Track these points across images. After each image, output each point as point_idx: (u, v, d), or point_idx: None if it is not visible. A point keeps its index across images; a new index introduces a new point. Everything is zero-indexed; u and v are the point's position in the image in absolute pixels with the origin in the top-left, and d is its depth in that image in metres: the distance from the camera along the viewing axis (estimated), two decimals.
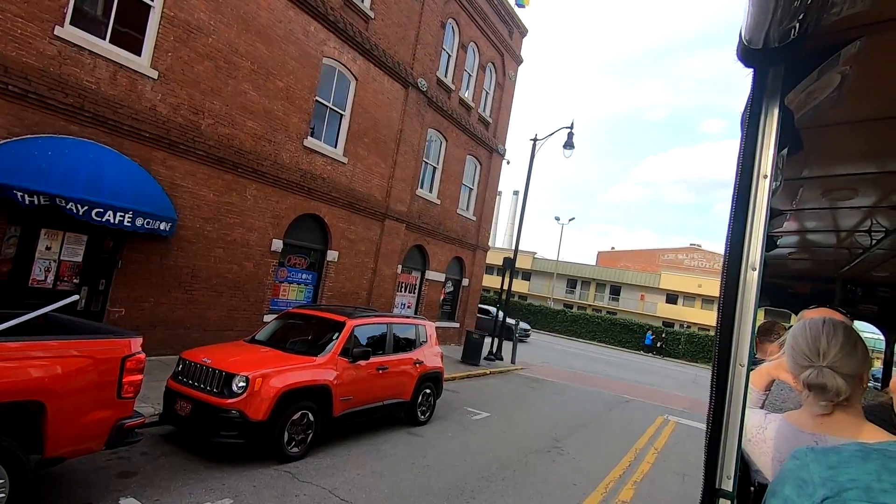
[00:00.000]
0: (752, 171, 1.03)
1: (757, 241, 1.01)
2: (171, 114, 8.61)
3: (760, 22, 0.92)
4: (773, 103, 1.04)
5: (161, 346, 8.76)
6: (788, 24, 0.91)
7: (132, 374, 4.13)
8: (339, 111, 12.28)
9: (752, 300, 1.00)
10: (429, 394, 8.25)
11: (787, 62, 1.03)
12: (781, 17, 0.89)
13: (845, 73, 1.83)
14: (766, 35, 0.94)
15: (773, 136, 1.04)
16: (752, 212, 1.02)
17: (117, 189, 7.38)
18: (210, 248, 9.54)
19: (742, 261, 1.01)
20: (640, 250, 59.19)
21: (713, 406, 1.01)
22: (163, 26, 8.32)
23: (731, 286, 1.01)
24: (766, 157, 1.03)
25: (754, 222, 1.02)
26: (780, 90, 1.04)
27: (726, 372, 1.00)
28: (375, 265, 13.87)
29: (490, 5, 17.64)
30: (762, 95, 1.04)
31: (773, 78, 1.04)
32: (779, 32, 0.93)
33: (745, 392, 1.00)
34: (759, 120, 1.04)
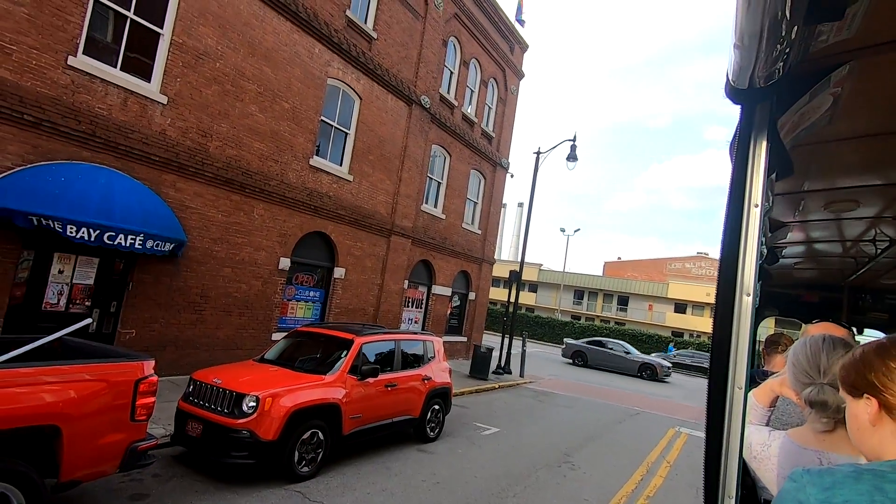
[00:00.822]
0: (743, 201, 1.08)
1: (750, 267, 1.06)
2: (180, 137, 8.80)
3: (745, 66, 0.97)
4: (761, 136, 1.10)
5: (171, 366, 8.83)
6: (771, 67, 0.97)
7: (145, 396, 4.19)
8: (344, 130, 12.47)
9: (747, 325, 1.04)
10: (438, 410, 8.24)
11: (772, 98, 1.09)
12: (765, 62, 0.94)
13: (837, 94, 1.89)
14: (750, 77, 1.00)
15: (762, 167, 1.09)
16: (743, 239, 1.07)
17: (128, 212, 7.52)
18: (219, 268, 9.66)
19: (736, 287, 1.06)
20: (646, 260, 58.94)
21: (711, 429, 1.05)
22: (172, 53, 8.54)
23: (726, 313, 1.06)
24: (756, 187, 1.08)
25: (747, 249, 1.07)
26: (767, 124, 1.10)
27: (724, 395, 1.04)
28: (382, 281, 13.94)
29: (491, 23, 17.93)
30: (750, 129, 1.09)
31: (761, 113, 1.09)
32: (763, 74, 0.99)
33: (744, 414, 1.04)
34: (747, 152, 1.09)
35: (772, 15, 0.81)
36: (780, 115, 1.78)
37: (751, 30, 0.86)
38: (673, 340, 38.52)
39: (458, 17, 16.16)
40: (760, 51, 0.90)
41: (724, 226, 1.09)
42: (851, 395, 1.01)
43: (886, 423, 0.93)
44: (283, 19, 10.38)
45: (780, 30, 0.85)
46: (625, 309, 50.24)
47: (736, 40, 0.92)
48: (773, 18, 0.81)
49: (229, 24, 9.37)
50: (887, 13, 1.39)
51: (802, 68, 1.68)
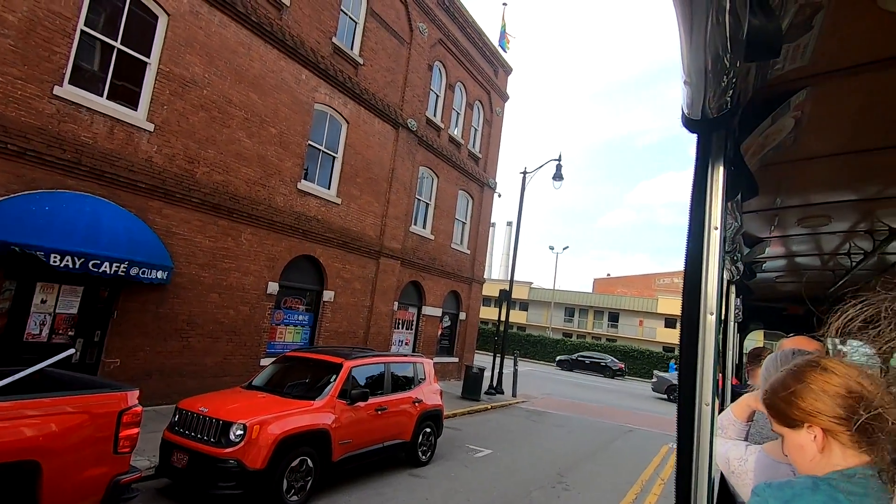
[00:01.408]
0: (704, 224, 1.13)
1: (712, 287, 1.10)
2: (167, 164, 8.81)
3: (696, 99, 1.04)
4: (717, 162, 1.16)
5: (157, 395, 8.66)
6: (721, 99, 1.03)
7: (129, 427, 4.11)
8: (332, 153, 12.57)
9: (711, 343, 1.08)
10: (429, 433, 8.15)
11: (726, 127, 1.15)
12: (714, 95, 1.01)
13: (798, 116, 1.99)
14: (702, 109, 1.06)
15: (721, 191, 1.14)
16: (705, 261, 1.12)
17: (113, 240, 7.47)
18: (206, 294, 9.57)
19: (700, 306, 1.10)
20: (635, 276, 59.36)
21: (681, 445, 1.08)
22: (159, 81, 8.62)
23: (691, 331, 1.10)
24: (716, 210, 1.13)
25: (709, 270, 1.12)
26: (723, 151, 1.16)
27: (692, 412, 1.07)
28: (371, 303, 13.88)
29: (475, 47, 18.34)
30: (707, 156, 1.15)
31: (717, 141, 1.15)
32: (714, 106, 1.05)
33: (712, 430, 1.07)
34: (705, 178, 1.15)
35: (713, 53, 0.87)
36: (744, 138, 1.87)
37: (696, 67, 0.92)
38: (674, 358, 38.56)
39: (442, 43, 16.53)
40: (707, 85, 0.97)
41: (686, 249, 1.14)
42: (789, 427, 1.02)
43: (832, 444, 0.94)
44: (270, 47, 10.55)
45: (723, 66, 0.91)
46: (616, 325, 50.35)
47: (685, 76, 0.98)
48: (714, 56, 0.88)
49: (216, 53, 9.50)
50: (835, 43, 1.48)
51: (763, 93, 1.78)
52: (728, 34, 0.82)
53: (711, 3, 0.75)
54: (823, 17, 1.36)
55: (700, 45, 0.84)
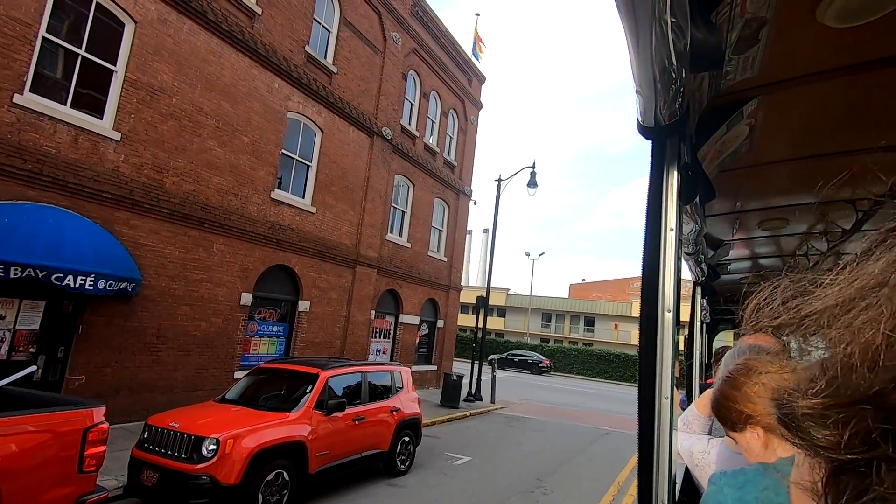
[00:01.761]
0: (660, 226, 1.19)
1: (669, 286, 1.16)
2: (135, 174, 8.60)
3: (648, 108, 1.09)
4: (672, 167, 1.22)
5: (125, 412, 8.37)
6: (671, 107, 1.09)
7: (94, 445, 3.97)
8: (306, 162, 12.47)
9: (669, 339, 1.13)
10: (408, 442, 8.10)
11: (680, 133, 1.21)
12: (664, 104, 1.07)
13: (752, 124, 2.10)
14: (655, 116, 1.12)
15: (675, 194, 1.20)
16: (662, 261, 1.17)
17: (77, 252, 7.23)
18: (176, 306, 9.33)
19: (658, 304, 1.15)
20: (610, 280, 60.40)
21: (642, 438, 1.12)
22: (126, 89, 8.43)
23: (650, 327, 1.15)
24: (671, 213, 1.19)
25: (665, 269, 1.17)
26: (677, 155, 1.22)
27: (652, 406, 1.12)
28: (348, 312, 13.75)
29: (449, 57, 18.52)
30: (662, 161, 1.21)
31: (671, 147, 1.22)
32: (666, 113, 1.11)
33: (671, 423, 1.12)
34: (661, 182, 1.21)
35: (660, 65, 0.92)
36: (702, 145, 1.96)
37: (645, 78, 0.97)
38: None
39: (416, 52, 16.64)
40: (658, 94, 1.02)
41: (644, 250, 1.19)
42: (736, 431, 1.10)
43: (773, 440, 1.02)
44: (242, 55, 10.44)
45: (670, 77, 0.97)
46: (592, 329, 51.05)
47: (637, 87, 1.03)
48: (661, 67, 0.93)
49: (185, 61, 9.35)
50: (781, 55, 1.58)
51: (717, 102, 1.87)
52: (672, 47, 0.87)
53: (654, 18, 0.80)
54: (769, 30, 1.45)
55: (647, 57, 0.89)
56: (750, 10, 1.36)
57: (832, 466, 0.25)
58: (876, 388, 0.22)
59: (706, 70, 1.09)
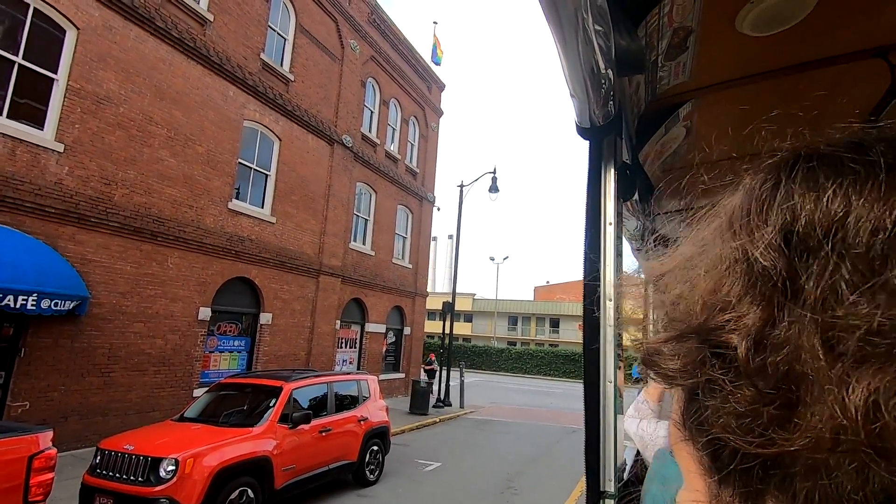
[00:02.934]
0: (599, 221, 1.26)
1: (610, 276, 1.23)
2: (80, 186, 8.20)
3: (583, 109, 1.17)
4: (609, 165, 1.29)
5: (74, 438, 7.93)
6: (604, 108, 1.17)
7: (41, 473, 3.76)
8: (265, 171, 12.23)
9: (611, 325, 1.20)
10: (376, 451, 8.02)
11: (616, 132, 1.29)
12: (597, 104, 1.14)
13: (688, 126, 2.23)
14: (590, 117, 1.19)
15: (613, 191, 1.28)
16: (602, 252, 1.25)
17: (17, 271, 6.82)
18: (129, 324, 8.93)
19: (600, 294, 1.22)
20: (573, 282, 61.71)
21: (589, 421, 1.18)
22: (68, 98, 8.05)
23: (592, 317, 1.21)
24: (609, 208, 1.26)
25: (606, 260, 1.24)
26: (613, 154, 1.30)
27: (597, 389, 1.18)
28: (312, 323, 13.51)
29: (408, 64, 18.61)
30: (599, 160, 1.29)
31: (607, 146, 1.29)
32: (600, 114, 1.18)
33: (615, 404, 1.19)
34: (599, 179, 1.29)
35: (588, 69, 0.99)
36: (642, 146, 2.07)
37: (576, 80, 1.04)
38: (637, 361, 40.13)
39: (374, 60, 16.64)
40: (590, 97, 1.09)
41: (585, 243, 1.26)
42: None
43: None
44: (194, 63, 10.17)
45: (599, 80, 1.04)
46: (557, 330, 52.00)
47: (570, 90, 1.10)
48: (590, 72, 1.00)
49: (133, 69, 9.02)
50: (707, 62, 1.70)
51: (655, 106, 1.99)
52: (598, 52, 0.94)
53: (578, 27, 0.87)
54: (695, 39, 1.57)
55: (576, 61, 0.96)
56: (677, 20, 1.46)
57: (683, 395, 0.31)
58: (699, 320, 0.28)
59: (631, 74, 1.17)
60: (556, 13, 0.84)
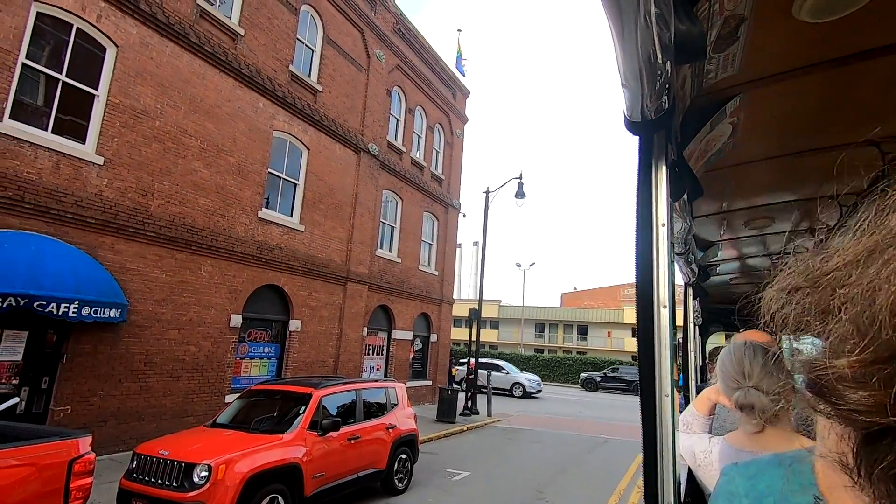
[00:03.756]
0: (651, 221, 1.18)
1: (664, 281, 1.15)
2: (119, 198, 8.49)
3: (634, 102, 1.09)
4: (660, 162, 1.21)
5: (112, 442, 8.14)
6: (658, 100, 1.09)
7: (80, 477, 3.84)
8: (293, 180, 12.44)
9: (666, 335, 1.12)
10: (405, 459, 7.96)
11: (667, 128, 1.21)
12: (650, 96, 1.07)
13: (735, 122, 2.11)
14: (641, 110, 1.12)
15: (664, 190, 1.20)
16: (655, 256, 1.16)
17: (60, 279, 7.08)
18: (164, 331, 9.16)
19: (653, 301, 1.14)
20: (601, 288, 60.67)
21: (646, 438, 1.10)
22: (108, 113, 8.36)
23: (647, 325, 1.13)
24: (661, 208, 1.18)
25: (659, 265, 1.16)
26: (664, 151, 1.22)
27: (653, 404, 1.10)
28: (340, 330, 13.61)
29: (432, 72, 18.71)
30: (650, 157, 1.21)
31: (658, 141, 1.21)
32: (652, 107, 1.11)
33: (674, 419, 1.10)
34: (650, 177, 1.21)
35: (644, 57, 0.92)
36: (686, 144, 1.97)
37: (631, 70, 0.97)
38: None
39: (400, 68, 16.79)
40: (644, 88, 1.02)
41: (637, 246, 1.18)
42: None
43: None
44: (225, 76, 10.44)
45: (656, 69, 0.97)
46: (585, 338, 51.07)
47: (622, 80, 1.03)
48: (647, 59, 0.93)
49: (168, 83, 9.32)
50: (759, 53, 1.59)
51: (700, 101, 1.88)
52: (657, 39, 0.87)
53: (638, 10, 0.80)
54: (747, 28, 1.47)
55: (632, 49, 0.89)
56: (728, 8, 1.37)
57: (865, 434, 0.23)
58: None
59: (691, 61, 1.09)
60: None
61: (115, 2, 8.40)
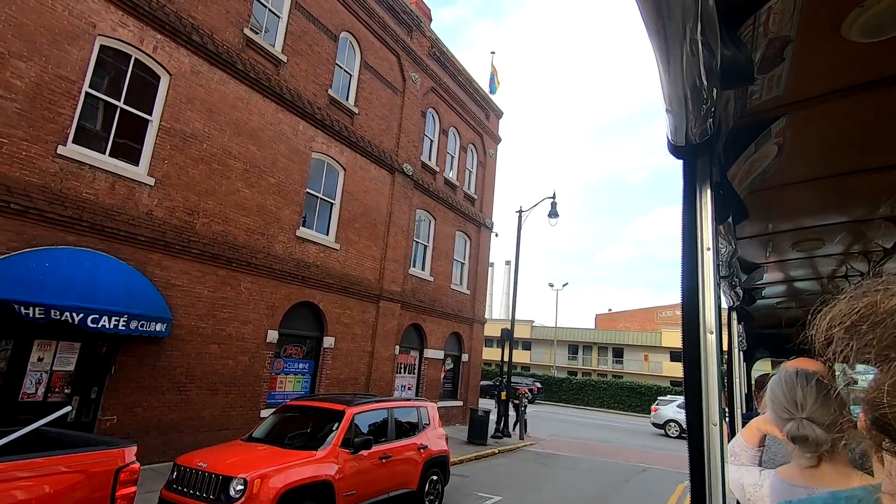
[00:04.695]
0: (696, 246, 1.16)
1: (710, 306, 1.12)
2: (167, 216, 8.92)
3: (679, 126, 1.09)
4: (704, 185, 1.20)
5: (154, 452, 8.39)
6: (702, 125, 1.09)
7: (126, 486, 3.98)
8: (330, 200, 12.77)
9: (713, 361, 1.09)
10: (436, 480, 7.87)
11: (710, 152, 1.20)
12: (695, 121, 1.06)
13: (780, 143, 2.06)
14: (686, 135, 1.11)
15: (710, 213, 1.18)
16: (701, 281, 1.14)
17: (112, 294, 7.46)
18: (205, 345, 9.46)
19: (699, 326, 1.11)
20: (637, 310, 59.00)
21: (694, 469, 1.06)
22: (160, 137, 8.86)
23: (693, 351, 1.11)
24: (707, 232, 1.16)
25: (705, 289, 1.14)
26: (709, 174, 1.20)
27: (700, 433, 1.06)
28: (372, 348, 13.71)
29: (466, 93, 19.00)
30: (694, 180, 1.20)
31: (702, 165, 1.20)
32: (697, 132, 1.10)
33: (723, 450, 1.06)
34: (694, 201, 1.19)
35: (690, 83, 0.92)
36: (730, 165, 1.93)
37: (676, 96, 0.97)
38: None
39: (434, 90, 17.13)
40: (689, 113, 1.02)
41: (682, 271, 1.17)
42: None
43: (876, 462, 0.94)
44: (268, 101, 10.92)
45: (701, 94, 0.97)
46: (620, 361, 49.57)
47: (667, 105, 1.04)
48: (692, 85, 0.93)
49: (216, 108, 9.82)
50: (805, 73, 1.57)
51: (744, 122, 1.85)
52: (702, 64, 0.88)
53: (685, 38, 0.81)
54: (793, 49, 1.45)
55: (678, 75, 0.90)
56: (773, 30, 1.36)
57: None
58: None
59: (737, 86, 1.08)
60: (660, 22, 0.79)
61: (170, 34, 8.98)
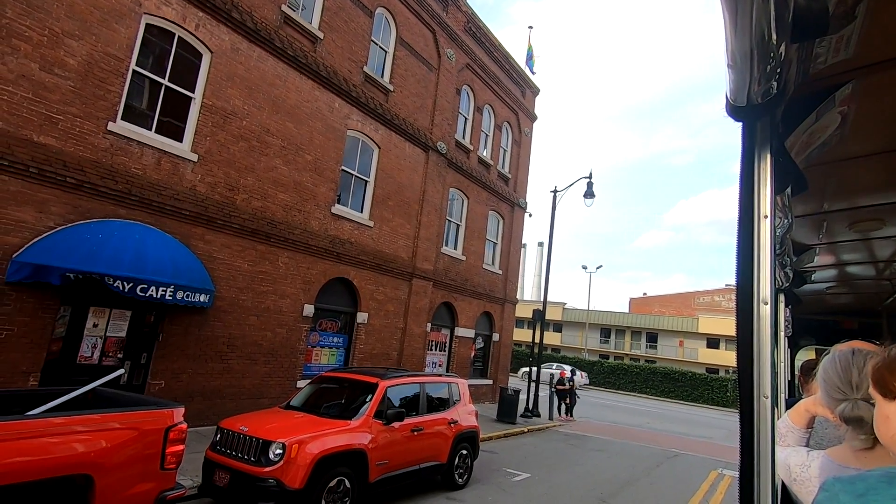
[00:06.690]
0: (753, 213, 1.11)
1: (765, 276, 1.07)
2: (209, 192, 9.21)
3: (741, 85, 1.03)
4: (764, 150, 1.14)
5: (198, 417, 8.86)
6: (766, 84, 1.02)
7: (175, 444, 4.22)
8: (364, 178, 12.87)
9: (766, 333, 1.05)
10: (465, 455, 8.01)
11: (772, 115, 1.14)
12: (759, 79, 1.00)
13: (844, 112, 1.92)
14: (748, 94, 1.05)
15: (769, 179, 1.12)
16: (757, 249, 1.09)
17: (159, 265, 7.81)
18: (245, 317, 9.83)
19: (753, 296, 1.07)
20: (673, 294, 57.52)
21: (743, 442, 1.03)
22: (202, 114, 9.10)
23: (746, 322, 1.07)
24: (764, 199, 1.11)
25: (760, 259, 1.09)
26: (769, 139, 1.14)
27: (751, 406, 1.03)
28: (405, 325, 13.92)
29: (502, 70, 18.61)
30: (753, 144, 1.14)
31: (762, 129, 1.14)
32: (759, 92, 1.04)
33: (773, 424, 1.03)
34: (753, 166, 1.13)
35: (758, 35, 0.87)
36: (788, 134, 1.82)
37: (741, 50, 0.92)
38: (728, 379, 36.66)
39: (470, 67, 16.85)
40: (753, 69, 0.96)
41: (738, 238, 1.12)
42: (883, 396, 0.99)
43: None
44: (305, 78, 11.00)
45: (768, 49, 0.91)
46: (654, 346, 48.65)
47: (729, 60, 0.98)
48: (760, 38, 0.88)
49: (255, 86, 9.97)
50: (880, 33, 1.44)
51: (805, 89, 1.73)
52: (774, 14, 0.82)
53: None
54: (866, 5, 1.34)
55: (746, 26, 0.84)
56: None
57: None
58: None
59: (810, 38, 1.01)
60: None
61: (211, 11, 9.12)
